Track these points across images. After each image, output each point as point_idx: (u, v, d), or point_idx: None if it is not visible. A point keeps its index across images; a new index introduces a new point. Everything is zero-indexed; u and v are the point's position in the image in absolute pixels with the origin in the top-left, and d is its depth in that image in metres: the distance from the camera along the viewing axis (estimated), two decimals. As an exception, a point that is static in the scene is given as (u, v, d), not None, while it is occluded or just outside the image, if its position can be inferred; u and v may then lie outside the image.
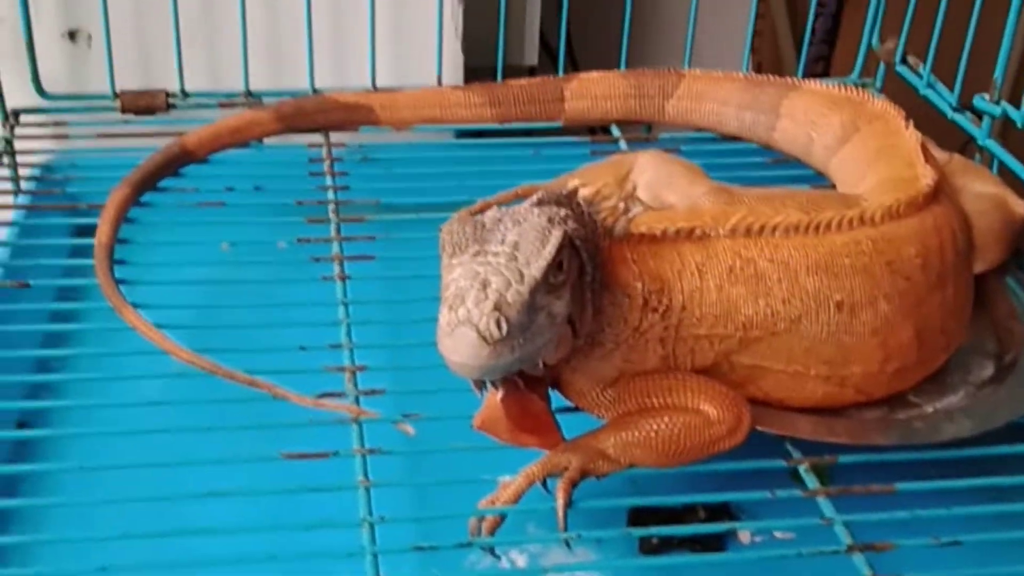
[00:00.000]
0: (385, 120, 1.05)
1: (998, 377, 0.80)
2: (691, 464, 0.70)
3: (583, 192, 0.69)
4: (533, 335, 0.63)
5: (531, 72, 1.25)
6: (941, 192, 0.82)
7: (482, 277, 0.61)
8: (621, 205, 0.71)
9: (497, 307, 0.61)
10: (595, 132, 1.12)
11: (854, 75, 1.17)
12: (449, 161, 1.03)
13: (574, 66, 1.17)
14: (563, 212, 0.66)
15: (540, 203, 0.66)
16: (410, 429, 0.73)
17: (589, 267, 0.67)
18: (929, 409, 0.78)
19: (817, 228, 0.74)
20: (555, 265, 0.63)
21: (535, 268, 0.62)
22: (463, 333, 0.60)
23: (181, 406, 0.75)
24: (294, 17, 1.08)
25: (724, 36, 1.34)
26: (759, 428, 0.73)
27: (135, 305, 0.81)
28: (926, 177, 0.81)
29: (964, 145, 1.03)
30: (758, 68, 1.28)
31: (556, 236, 0.64)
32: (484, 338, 0.60)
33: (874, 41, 1.15)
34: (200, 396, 0.75)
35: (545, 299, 0.63)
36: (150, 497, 0.69)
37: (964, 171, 0.93)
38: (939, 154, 0.91)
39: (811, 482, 0.71)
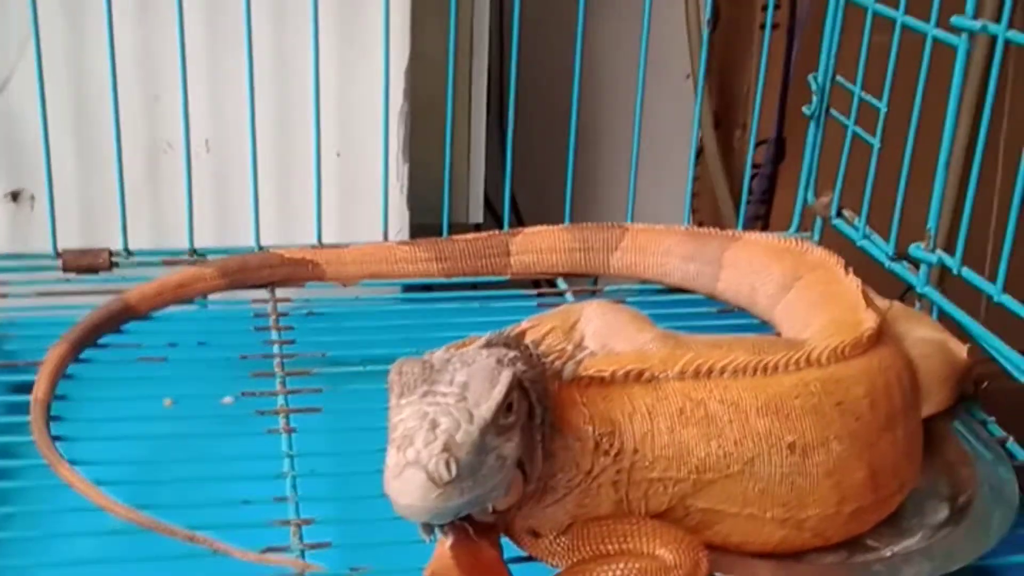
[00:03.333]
0: (331, 275, 1.05)
1: (953, 519, 0.79)
2: (649, 613, 0.68)
3: (531, 335, 0.69)
4: (483, 478, 0.61)
5: (476, 230, 1.26)
6: (885, 334, 0.83)
7: (431, 417, 0.60)
8: (569, 348, 0.71)
9: (447, 448, 0.59)
10: (541, 285, 1.12)
11: (792, 229, 1.20)
12: (396, 315, 1.03)
13: (519, 223, 1.18)
14: (512, 354, 0.65)
15: (489, 344, 0.66)
16: (358, 584, 0.71)
17: (539, 409, 0.66)
18: (887, 552, 0.77)
19: (765, 369, 0.74)
20: (505, 406, 0.62)
21: (485, 409, 0.61)
22: (411, 474, 0.59)
23: (119, 564, 0.72)
24: (239, 175, 1.09)
25: (664, 196, 1.38)
26: (718, 574, 0.71)
27: (72, 462, 0.78)
28: (869, 320, 0.82)
29: (903, 293, 1.05)
30: (699, 226, 1.31)
31: (506, 377, 0.63)
32: (433, 480, 0.59)
33: (809, 196, 1.18)
34: (139, 553, 0.72)
35: (495, 441, 0.62)
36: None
37: (905, 317, 0.94)
38: (879, 301, 0.93)
39: (773, 628, 0.70)
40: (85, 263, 1.05)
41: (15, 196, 1.09)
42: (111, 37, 1.03)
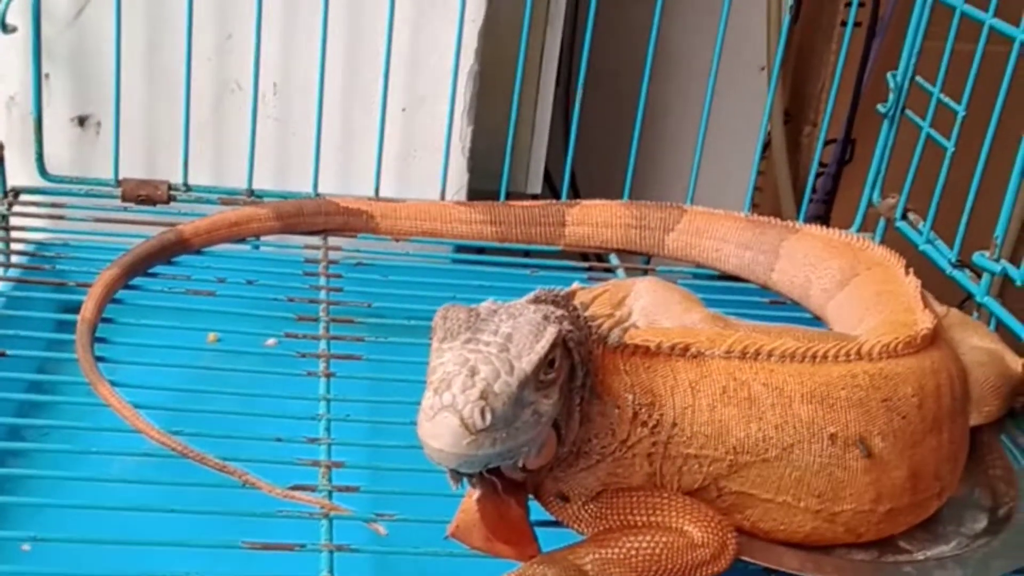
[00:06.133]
0: (385, 229, 1.05)
1: (991, 530, 0.78)
2: (671, 587, 0.67)
3: (581, 297, 0.68)
4: (517, 431, 0.61)
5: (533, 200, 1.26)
6: (940, 337, 0.81)
7: (471, 364, 0.60)
8: (617, 314, 0.70)
9: (483, 396, 0.59)
10: (590, 259, 1.11)
11: (854, 229, 1.17)
12: (445, 274, 1.03)
13: (576, 196, 1.18)
14: (559, 312, 0.65)
15: (537, 300, 0.65)
16: (382, 529, 0.70)
17: (580, 371, 0.66)
18: (920, 556, 0.75)
19: (814, 357, 0.73)
20: (546, 362, 0.62)
21: (526, 362, 0.61)
22: (445, 418, 0.59)
23: (148, 486, 0.73)
24: (303, 121, 1.09)
25: (725, 187, 1.36)
26: (743, 558, 0.70)
27: (112, 383, 0.79)
28: (925, 321, 0.81)
29: (962, 302, 1.03)
30: (758, 217, 1.29)
31: (550, 332, 0.62)
32: (466, 426, 0.58)
33: (875, 197, 1.16)
34: (168, 478, 0.73)
35: (533, 396, 0.62)
36: (104, 574, 0.66)
37: (962, 325, 0.92)
38: (937, 307, 0.91)
39: (795, 618, 0.68)
40: (144, 193, 1.06)
41: (82, 121, 1.10)
42: (190, -29, 1.03)
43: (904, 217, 1.11)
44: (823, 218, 1.56)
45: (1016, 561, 0.73)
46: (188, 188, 1.08)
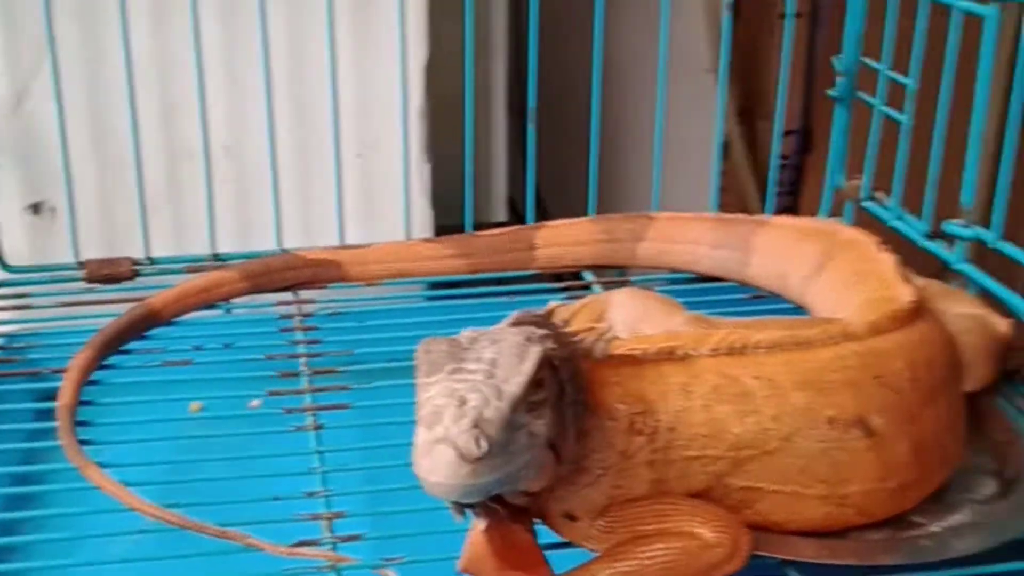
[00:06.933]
0: (355, 275, 1.04)
1: (1002, 493, 0.77)
2: (690, 593, 0.66)
3: (560, 314, 0.68)
4: (514, 455, 0.60)
5: (499, 229, 1.25)
6: (923, 309, 0.81)
7: (459, 394, 0.59)
8: (599, 327, 0.69)
9: (476, 424, 0.58)
10: (564, 279, 1.11)
11: (821, 215, 1.17)
12: (421, 312, 1.02)
13: (546, 218, 1.17)
14: (541, 332, 0.64)
15: (517, 323, 0.65)
16: (392, 573, 0.69)
17: (569, 388, 0.65)
18: (935, 528, 0.74)
19: (801, 344, 0.73)
20: (534, 382, 0.61)
21: (514, 384, 0.60)
22: (441, 451, 0.58)
23: (150, 562, 0.72)
24: (260, 179, 1.08)
25: (689, 193, 1.35)
26: (759, 553, 0.69)
27: (101, 464, 0.77)
28: (906, 295, 0.81)
29: (939, 272, 1.03)
30: (726, 215, 1.29)
31: (534, 353, 0.62)
32: (463, 456, 0.58)
33: (839, 181, 1.16)
34: (170, 551, 0.72)
35: (525, 418, 0.61)
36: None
37: (943, 295, 0.92)
38: (917, 280, 0.91)
39: (818, 607, 0.68)
40: (108, 272, 1.05)
41: (36, 208, 1.09)
42: (126, 47, 1.02)
43: (871, 197, 1.11)
44: (792, 209, 1.56)
45: (1030, 522, 0.73)
46: (152, 261, 1.07)
